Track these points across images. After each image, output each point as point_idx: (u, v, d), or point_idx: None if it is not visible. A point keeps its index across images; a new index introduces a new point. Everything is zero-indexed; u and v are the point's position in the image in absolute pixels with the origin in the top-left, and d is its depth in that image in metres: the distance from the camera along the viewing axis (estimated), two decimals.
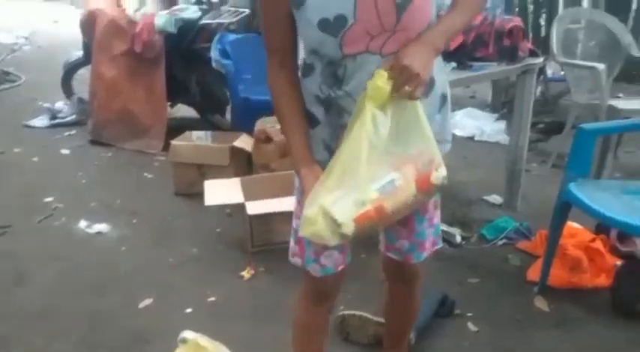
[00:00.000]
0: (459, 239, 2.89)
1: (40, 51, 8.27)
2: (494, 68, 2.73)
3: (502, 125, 4.40)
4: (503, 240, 2.87)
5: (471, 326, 2.25)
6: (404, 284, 1.73)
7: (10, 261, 2.77)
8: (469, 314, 2.32)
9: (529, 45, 2.87)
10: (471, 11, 1.38)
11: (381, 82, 1.23)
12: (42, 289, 2.54)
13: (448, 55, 2.61)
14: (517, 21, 2.77)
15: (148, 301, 2.46)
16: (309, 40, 1.33)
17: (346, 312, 2.20)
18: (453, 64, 2.63)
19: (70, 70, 4.97)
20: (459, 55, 2.63)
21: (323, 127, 1.41)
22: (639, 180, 2.50)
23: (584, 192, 2.13)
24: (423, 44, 1.27)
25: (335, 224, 1.24)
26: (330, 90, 1.36)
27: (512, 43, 2.68)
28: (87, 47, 4.54)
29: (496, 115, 4.68)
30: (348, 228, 1.25)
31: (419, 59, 1.23)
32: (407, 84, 1.22)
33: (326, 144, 1.42)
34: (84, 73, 4.89)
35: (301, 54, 1.44)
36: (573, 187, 2.19)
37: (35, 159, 4.14)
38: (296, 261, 1.57)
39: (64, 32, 5.59)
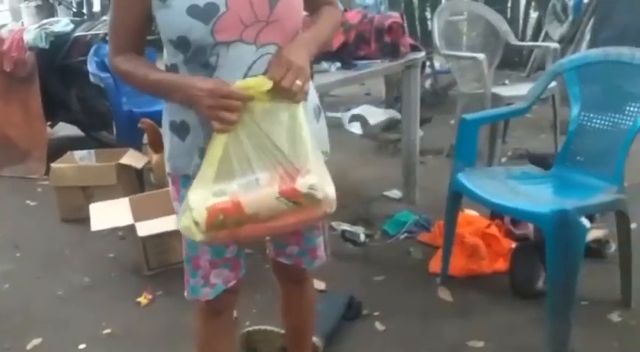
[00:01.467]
0: (362, 237, 2.88)
1: None
2: (378, 65, 2.74)
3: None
4: (405, 234, 2.89)
5: (379, 326, 2.23)
6: (295, 284, 1.70)
7: None
8: (376, 314, 2.29)
9: (410, 40, 2.90)
10: (334, 25, 1.44)
11: (262, 79, 1.22)
12: None
13: (332, 55, 2.59)
14: (396, 17, 2.79)
15: (36, 341, 2.26)
16: (176, 29, 1.25)
17: (251, 328, 2.12)
18: (338, 64, 2.61)
19: None
20: (343, 55, 2.61)
21: (195, 132, 1.33)
22: (523, 165, 2.59)
23: (472, 181, 2.17)
24: (299, 45, 1.29)
25: (194, 220, 1.23)
26: None
27: (393, 39, 2.70)
28: None
29: (392, 111, 4.74)
30: (200, 216, 1.23)
31: (301, 57, 1.25)
32: (297, 78, 1.22)
33: (201, 150, 1.32)
34: None
35: (164, 62, 1.36)
36: (461, 176, 2.22)
37: None
38: (188, 296, 1.51)
39: None
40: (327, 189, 1.28)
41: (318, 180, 1.26)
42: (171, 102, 1.36)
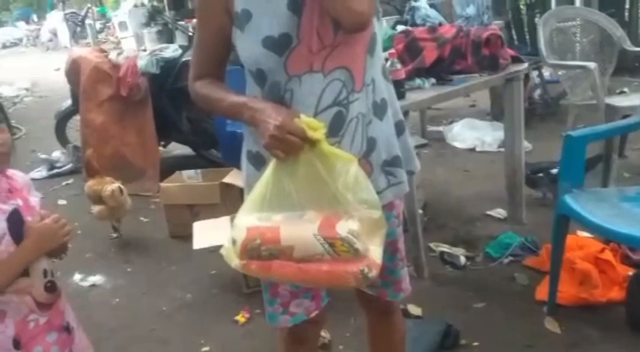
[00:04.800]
0: (463, 260, 2.75)
1: (42, 101, 8.34)
2: (476, 80, 2.62)
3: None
4: (509, 258, 2.72)
5: None
6: (382, 315, 1.64)
7: None
8: (475, 344, 2.17)
9: (511, 51, 2.75)
10: None
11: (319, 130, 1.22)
12: None
13: (426, 71, 2.51)
14: (493, 29, 2.66)
15: None
16: (253, 60, 1.29)
17: None
18: (432, 80, 2.52)
19: (62, 119, 4.96)
20: (437, 70, 2.52)
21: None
22: (638, 185, 2.35)
23: (580, 204, 2.00)
24: None
25: (232, 238, 1.24)
26: None
27: (492, 51, 2.57)
28: (74, 95, 4.52)
29: (498, 124, 4.53)
30: (239, 234, 1.23)
31: None
32: None
33: None
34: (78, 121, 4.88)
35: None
36: (569, 199, 2.05)
37: None
38: (268, 322, 1.51)
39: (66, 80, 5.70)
40: (370, 246, 1.22)
41: (360, 231, 1.21)
42: (248, 130, 1.38)
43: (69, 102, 4.83)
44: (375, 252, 1.23)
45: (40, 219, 1.37)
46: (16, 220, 1.33)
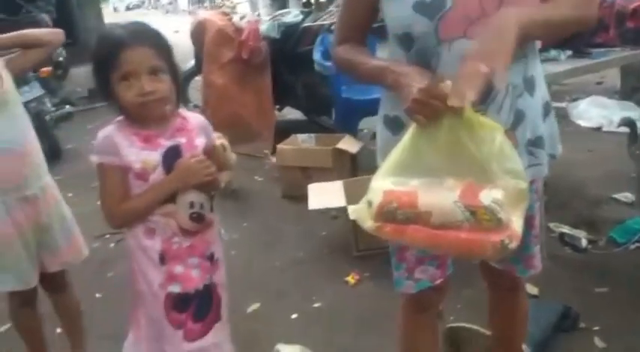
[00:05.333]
0: (584, 243, 2.63)
1: None
2: (617, 54, 2.44)
3: (634, 112, 3.97)
4: (637, 244, 2.57)
5: (599, 342, 2.02)
6: (507, 292, 1.60)
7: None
8: (596, 328, 2.08)
9: None
10: (576, 10, 1.24)
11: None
12: None
13: (563, 42, 2.38)
14: None
15: (255, 305, 2.48)
16: (401, 23, 1.26)
17: (455, 325, 2.07)
18: (569, 52, 2.38)
19: (185, 79, 5.19)
20: (576, 42, 2.38)
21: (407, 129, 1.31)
22: None
23: None
24: (501, 42, 1.12)
25: (368, 200, 1.23)
26: None
27: (637, 25, 2.38)
28: (198, 56, 4.71)
29: (628, 103, 4.23)
30: (375, 196, 1.21)
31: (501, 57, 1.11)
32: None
33: None
34: (199, 81, 5.10)
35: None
36: None
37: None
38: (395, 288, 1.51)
39: (184, 42, 5.90)
40: (515, 218, 1.18)
41: (504, 201, 1.16)
42: (386, 94, 1.37)
43: (192, 62, 5.05)
44: (516, 223, 1.20)
45: (190, 158, 1.49)
46: (173, 155, 1.48)
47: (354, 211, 1.32)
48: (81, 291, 2.72)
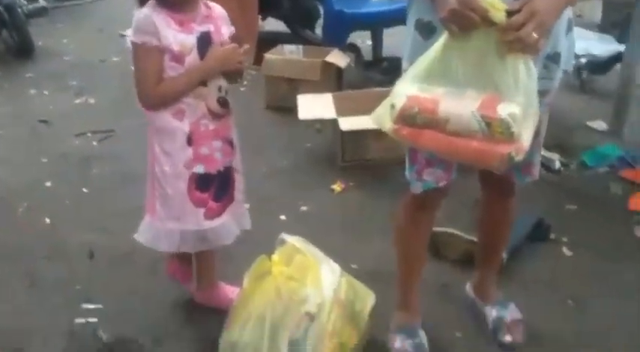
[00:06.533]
0: (557, 164, 2.79)
1: None
2: None
3: (613, 47, 4.06)
4: (606, 168, 2.75)
5: (566, 251, 2.21)
6: (500, 197, 1.72)
7: (116, 163, 2.95)
8: (564, 240, 2.27)
9: None
10: None
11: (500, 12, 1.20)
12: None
13: None
14: None
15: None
16: None
17: (436, 229, 2.20)
18: None
19: None
20: None
21: (440, 35, 1.35)
22: None
23: None
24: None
25: (392, 103, 1.30)
26: None
27: None
28: None
29: (607, 36, 4.31)
30: (399, 100, 1.30)
31: (550, 11, 1.21)
32: (534, 31, 1.19)
33: None
34: None
35: None
36: None
37: (132, 68, 4.28)
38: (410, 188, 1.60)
39: None
40: (524, 132, 1.25)
41: (520, 115, 1.24)
42: (420, 0, 1.39)
43: None
44: (525, 137, 1.27)
45: (221, 45, 1.58)
46: (205, 40, 1.56)
47: (374, 115, 1.39)
48: (67, 187, 2.77)
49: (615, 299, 1.95)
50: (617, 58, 3.44)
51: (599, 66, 3.64)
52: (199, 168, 1.63)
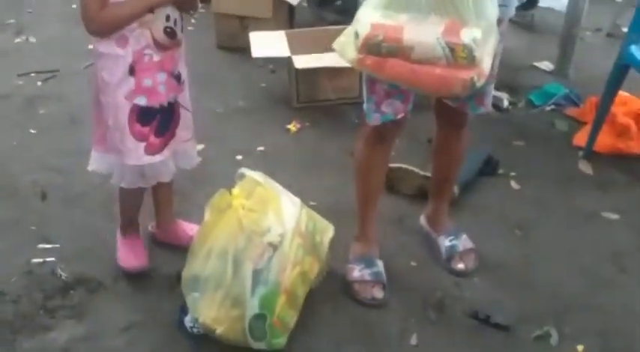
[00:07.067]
0: (506, 103, 2.87)
1: None
2: None
3: None
4: (552, 106, 2.85)
5: (514, 185, 2.31)
6: (454, 128, 1.77)
7: (63, 103, 2.85)
8: (512, 174, 2.36)
9: None
10: None
11: None
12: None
13: None
14: None
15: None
16: None
17: (392, 165, 2.26)
18: None
19: None
20: None
21: None
22: None
23: None
24: None
25: (355, 31, 1.30)
26: None
27: None
28: None
29: None
30: (363, 28, 1.29)
31: None
32: None
33: None
34: None
35: None
36: (634, 49, 2.12)
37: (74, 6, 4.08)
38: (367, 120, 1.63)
39: None
40: (485, 57, 1.28)
41: (482, 40, 1.26)
42: None
43: None
44: (485, 62, 1.31)
45: None
46: None
47: (337, 43, 1.38)
48: (14, 128, 2.67)
49: (558, 228, 2.07)
50: None
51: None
52: (141, 100, 1.58)
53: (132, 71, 1.54)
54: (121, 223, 1.89)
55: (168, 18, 1.54)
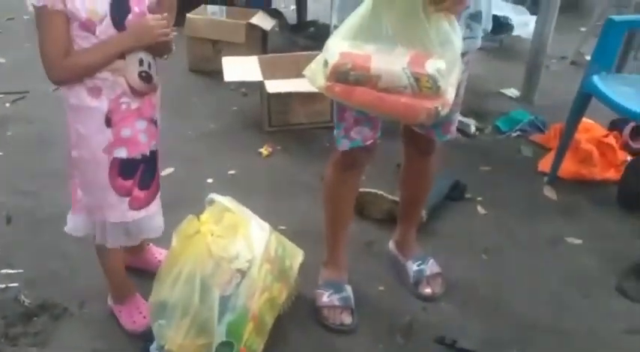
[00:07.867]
0: (473, 129, 2.93)
1: None
2: None
3: (526, 18, 4.26)
4: (517, 132, 2.92)
5: (480, 209, 2.35)
6: (422, 155, 1.80)
7: (32, 125, 2.82)
8: (479, 199, 2.41)
9: None
10: None
11: None
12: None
13: None
14: None
15: (169, 170, 2.52)
16: None
17: (362, 189, 2.28)
18: None
19: None
20: None
21: None
22: None
23: (607, 85, 2.14)
24: None
25: (325, 59, 1.32)
26: None
27: None
28: None
29: (520, 7, 4.52)
30: (331, 57, 1.32)
31: None
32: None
33: None
34: None
35: None
36: (596, 79, 2.19)
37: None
38: (336, 145, 1.64)
39: None
40: (449, 88, 1.32)
41: (446, 70, 1.30)
42: None
43: None
44: (450, 92, 1.35)
45: (144, 15, 1.41)
46: (121, 7, 1.38)
47: (308, 70, 1.40)
48: None
49: (523, 252, 2.11)
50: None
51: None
52: (121, 153, 1.48)
53: (108, 122, 1.44)
54: (112, 291, 1.77)
55: (141, 62, 1.44)
